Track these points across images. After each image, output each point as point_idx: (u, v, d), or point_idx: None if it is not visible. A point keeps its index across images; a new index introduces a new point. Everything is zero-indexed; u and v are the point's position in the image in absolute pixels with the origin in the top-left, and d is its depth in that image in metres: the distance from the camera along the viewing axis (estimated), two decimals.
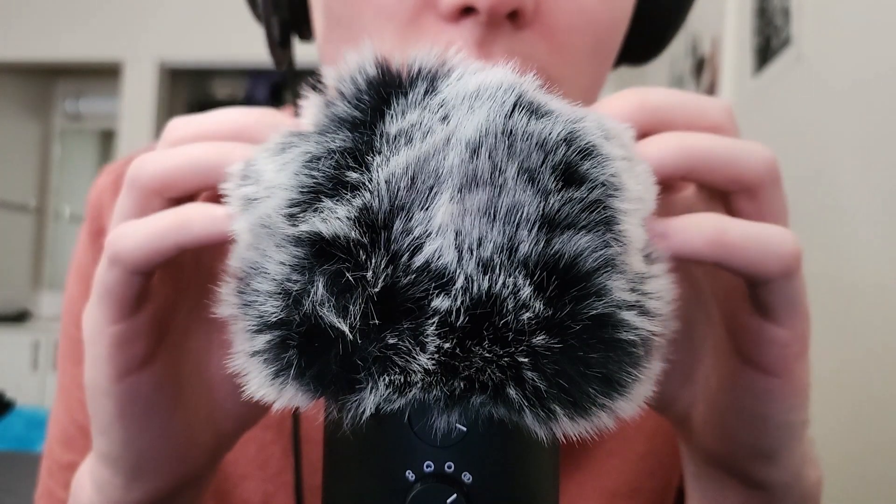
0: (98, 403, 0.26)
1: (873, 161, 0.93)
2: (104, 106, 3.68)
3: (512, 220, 0.18)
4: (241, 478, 0.41)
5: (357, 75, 0.22)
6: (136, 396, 0.25)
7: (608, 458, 0.43)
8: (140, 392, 0.25)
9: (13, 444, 2.71)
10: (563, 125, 0.20)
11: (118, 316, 0.24)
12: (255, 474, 0.41)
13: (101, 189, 0.47)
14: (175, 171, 0.24)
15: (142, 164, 0.24)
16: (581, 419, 0.19)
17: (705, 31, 1.80)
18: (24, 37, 3.25)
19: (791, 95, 1.23)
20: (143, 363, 0.25)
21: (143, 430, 0.26)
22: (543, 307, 0.18)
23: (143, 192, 0.24)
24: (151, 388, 0.26)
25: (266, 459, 0.41)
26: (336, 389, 0.19)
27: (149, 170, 0.24)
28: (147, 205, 0.24)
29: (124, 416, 0.26)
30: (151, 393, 0.26)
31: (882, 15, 0.93)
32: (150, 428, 0.26)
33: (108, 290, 0.24)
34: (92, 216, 0.46)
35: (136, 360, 0.25)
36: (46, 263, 3.76)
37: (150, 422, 0.26)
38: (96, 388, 0.26)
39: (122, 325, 0.24)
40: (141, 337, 0.25)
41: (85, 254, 0.46)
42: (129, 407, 0.25)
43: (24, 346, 3.14)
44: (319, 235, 0.19)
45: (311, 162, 0.20)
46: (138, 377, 0.25)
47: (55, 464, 0.43)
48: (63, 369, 0.45)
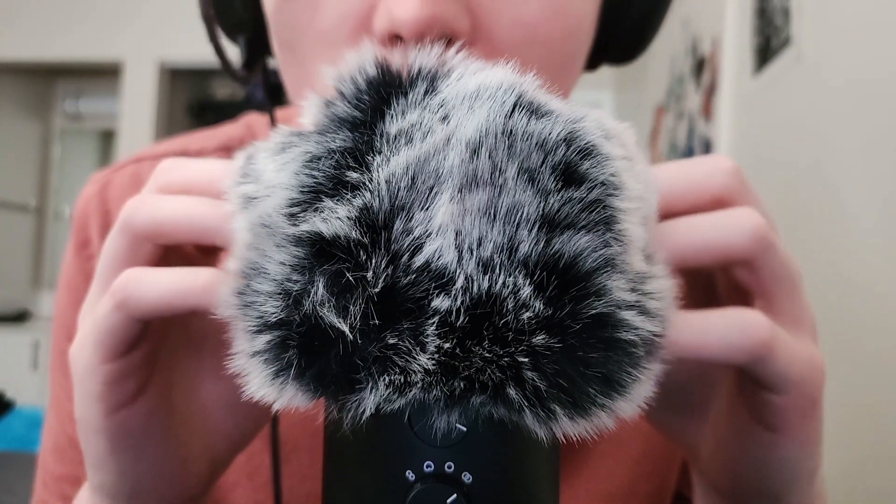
0: (89, 439, 0.26)
1: (873, 161, 0.93)
2: (104, 106, 3.68)
3: (512, 220, 0.18)
4: (232, 486, 0.41)
5: (357, 75, 0.22)
6: (127, 431, 0.25)
7: (603, 460, 0.43)
8: (131, 426, 0.25)
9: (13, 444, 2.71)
10: (563, 125, 0.20)
11: (114, 356, 0.24)
12: (245, 483, 0.41)
13: (86, 200, 0.46)
14: (168, 224, 0.24)
15: (136, 209, 0.25)
16: (581, 419, 0.19)
17: (705, 31, 1.80)
18: (24, 37, 3.26)
19: (791, 95, 1.23)
20: (134, 398, 0.25)
21: (137, 462, 0.26)
22: (543, 307, 0.18)
23: (136, 237, 0.25)
24: (143, 422, 0.25)
25: (255, 468, 0.41)
26: (336, 389, 0.19)
27: (143, 216, 0.24)
28: (138, 249, 0.25)
29: (117, 451, 0.25)
30: (143, 426, 0.25)
31: (882, 15, 0.93)
32: (143, 459, 0.26)
33: (107, 333, 0.24)
34: (77, 227, 0.46)
35: (128, 396, 0.25)
36: (46, 263, 3.76)
37: (144, 453, 0.26)
38: (87, 425, 0.25)
39: (116, 364, 0.24)
40: (134, 374, 0.25)
41: (72, 266, 0.45)
42: (121, 441, 0.25)
43: (24, 346, 3.14)
44: (320, 235, 0.19)
45: (311, 162, 0.20)
46: (129, 412, 0.25)
47: (49, 475, 0.43)
48: (54, 380, 0.45)
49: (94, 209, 0.46)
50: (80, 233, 0.46)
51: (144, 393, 0.25)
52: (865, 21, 0.98)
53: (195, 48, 3.17)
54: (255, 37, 0.39)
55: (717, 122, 1.63)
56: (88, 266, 0.44)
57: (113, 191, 0.46)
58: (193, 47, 3.16)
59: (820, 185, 1.09)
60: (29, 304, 3.61)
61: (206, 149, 0.47)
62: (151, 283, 0.23)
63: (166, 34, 3.19)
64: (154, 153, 0.48)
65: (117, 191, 0.46)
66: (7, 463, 2.31)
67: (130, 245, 0.25)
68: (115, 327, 0.23)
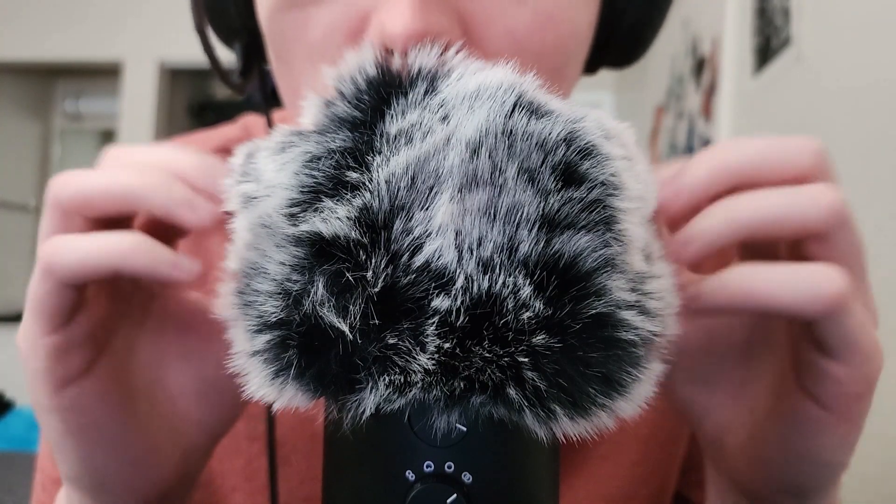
0: (45, 422, 0.26)
1: (873, 161, 0.93)
2: (104, 106, 3.68)
3: (512, 219, 0.18)
4: (230, 490, 0.41)
5: (357, 75, 0.22)
6: (78, 410, 0.25)
7: (602, 463, 0.43)
8: (82, 405, 0.25)
9: (13, 444, 2.71)
10: (563, 125, 0.20)
11: (51, 327, 0.24)
12: (243, 486, 0.41)
13: None
14: (93, 194, 0.24)
15: (63, 183, 0.25)
16: (581, 419, 0.19)
17: (705, 31, 1.80)
18: (24, 37, 3.25)
19: (791, 95, 1.23)
20: (80, 374, 0.25)
21: (96, 446, 0.26)
22: (543, 307, 0.18)
23: (62, 210, 0.25)
24: (94, 401, 0.25)
25: (254, 472, 0.41)
26: (336, 389, 0.19)
27: (68, 190, 0.24)
28: (67, 224, 0.25)
29: (71, 432, 0.25)
30: (95, 405, 0.25)
31: (882, 15, 0.93)
32: (102, 444, 0.26)
33: (40, 302, 0.24)
34: None
35: (73, 371, 0.25)
36: None
37: (102, 437, 0.26)
38: (39, 406, 0.25)
39: (56, 336, 0.24)
40: (76, 348, 0.25)
41: None
42: (74, 420, 0.25)
43: None
44: (320, 235, 0.19)
45: (311, 162, 0.20)
46: (78, 389, 0.25)
47: (48, 478, 0.42)
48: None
49: None
50: None
51: (93, 370, 0.25)
52: (865, 21, 0.98)
53: (195, 48, 3.12)
54: (250, 43, 0.39)
55: (717, 122, 1.63)
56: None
57: None
58: (193, 47, 3.13)
59: None
60: None
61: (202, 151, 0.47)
62: (72, 247, 0.23)
63: (166, 34, 3.19)
64: None
65: None
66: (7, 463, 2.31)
67: (59, 221, 0.25)
68: (45, 295, 0.24)
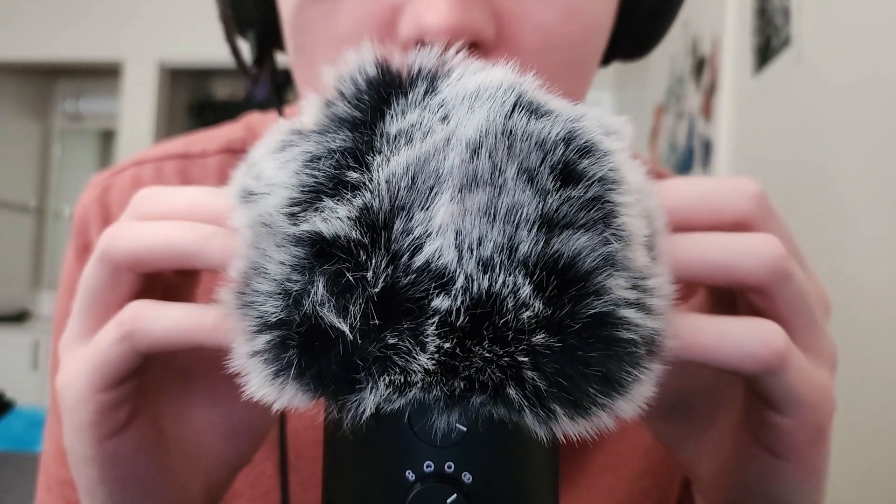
0: (80, 469, 0.25)
1: (873, 161, 0.93)
2: (104, 106, 3.68)
3: (511, 219, 0.18)
4: (234, 496, 0.41)
5: (357, 75, 0.22)
6: (118, 459, 0.25)
7: (603, 474, 0.43)
8: (122, 455, 0.25)
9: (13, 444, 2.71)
10: (563, 124, 0.20)
11: (110, 385, 0.24)
12: (246, 492, 0.41)
13: (86, 204, 0.46)
14: (150, 252, 0.24)
15: (115, 238, 0.24)
16: (581, 419, 0.19)
17: (705, 31, 1.80)
18: (24, 37, 3.26)
19: (791, 95, 1.23)
20: (124, 427, 0.25)
21: (130, 493, 0.26)
22: (543, 306, 0.18)
23: (115, 266, 0.24)
24: (133, 450, 0.25)
25: (256, 477, 0.41)
26: (336, 389, 0.19)
27: (122, 245, 0.24)
28: (118, 278, 0.24)
29: (107, 480, 0.25)
30: (133, 454, 0.25)
31: (882, 15, 0.93)
32: (135, 490, 0.26)
33: (109, 363, 0.23)
34: (78, 232, 0.45)
35: (119, 424, 0.25)
36: (46, 263, 3.76)
37: (136, 481, 0.26)
38: (78, 454, 0.25)
39: (111, 393, 0.24)
40: (126, 403, 0.24)
41: (71, 269, 0.45)
42: (112, 470, 0.25)
43: (24, 346, 3.14)
44: (320, 235, 0.19)
45: (311, 161, 0.20)
46: (119, 440, 0.25)
47: (53, 479, 0.42)
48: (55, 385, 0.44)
49: (95, 213, 0.45)
50: (81, 237, 0.45)
51: (134, 421, 0.25)
52: (865, 21, 0.98)
53: (195, 48, 3.17)
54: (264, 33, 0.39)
55: (717, 122, 1.63)
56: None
57: (113, 194, 0.46)
58: (193, 47, 3.17)
59: (820, 185, 1.08)
60: (29, 304, 3.61)
61: (207, 151, 0.47)
62: (161, 319, 0.23)
63: (166, 34, 3.19)
64: (155, 155, 0.47)
65: (118, 194, 0.45)
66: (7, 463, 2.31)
67: (111, 276, 0.24)
68: (117, 358, 0.23)
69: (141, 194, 0.26)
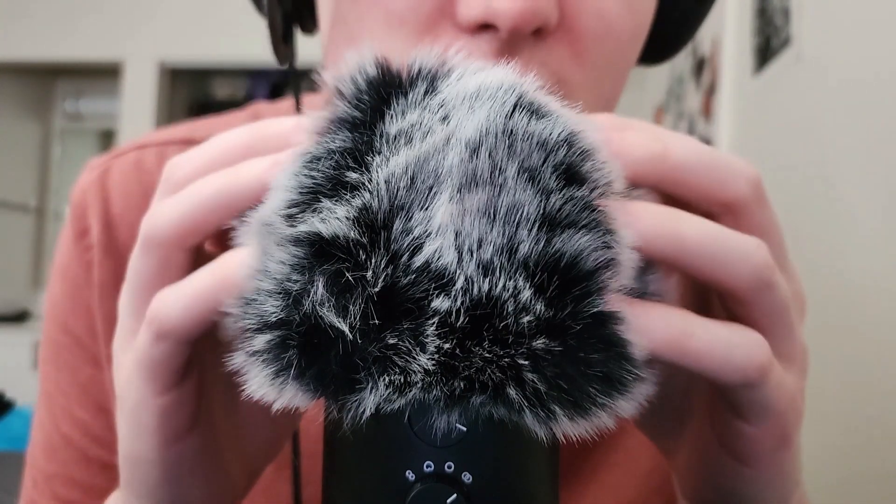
0: (142, 471, 0.25)
1: (873, 160, 0.93)
2: (104, 106, 3.68)
3: (512, 219, 0.18)
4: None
5: (357, 75, 0.22)
6: (182, 461, 0.25)
7: (614, 471, 0.43)
8: (187, 456, 0.25)
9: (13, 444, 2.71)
10: (564, 126, 0.20)
11: (166, 387, 0.23)
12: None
13: (84, 187, 0.44)
14: (193, 216, 0.22)
15: (154, 219, 0.23)
16: (581, 419, 0.19)
17: (705, 31, 1.79)
18: (24, 37, 3.25)
19: (791, 95, 1.23)
20: (189, 429, 0.24)
21: (188, 489, 0.25)
22: (544, 308, 0.18)
23: (164, 248, 0.23)
24: (198, 451, 0.25)
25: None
26: (336, 389, 0.19)
27: (164, 222, 0.22)
28: (170, 262, 0.23)
29: (170, 480, 0.25)
30: (198, 455, 0.25)
31: (882, 15, 0.93)
32: (193, 487, 0.26)
33: (156, 364, 0.22)
34: (75, 215, 0.44)
35: (183, 427, 0.24)
36: (46, 263, 3.76)
37: (194, 482, 0.25)
38: (140, 458, 0.24)
39: (170, 395, 0.23)
40: (188, 403, 0.24)
41: (68, 255, 0.44)
42: (176, 471, 0.25)
43: (24, 346, 3.14)
44: (319, 235, 0.19)
45: (310, 162, 0.20)
46: (185, 443, 0.24)
47: (39, 473, 0.42)
48: (46, 374, 0.43)
49: (94, 197, 0.44)
50: (79, 221, 0.44)
51: (198, 423, 0.25)
52: (865, 21, 0.98)
53: (195, 48, 3.17)
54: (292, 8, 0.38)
55: (717, 122, 1.63)
56: (87, 256, 0.43)
57: (113, 178, 0.44)
58: (193, 47, 3.17)
59: (820, 185, 1.08)
60: (29, 304, 3.61)
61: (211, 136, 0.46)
62: (176, 299, 0.21)
63: (166, 34, 3.19)
64: (159, 140, 0.46)
65: (118, 178, 0.44)
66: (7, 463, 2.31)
67: (161, 261, 0.23)
68: (162, 357, 0.22)
69: (170, 164, 0.24)
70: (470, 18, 0.28)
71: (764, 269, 0.21)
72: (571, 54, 0.30)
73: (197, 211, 0.22)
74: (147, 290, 0.23)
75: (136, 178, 0.44)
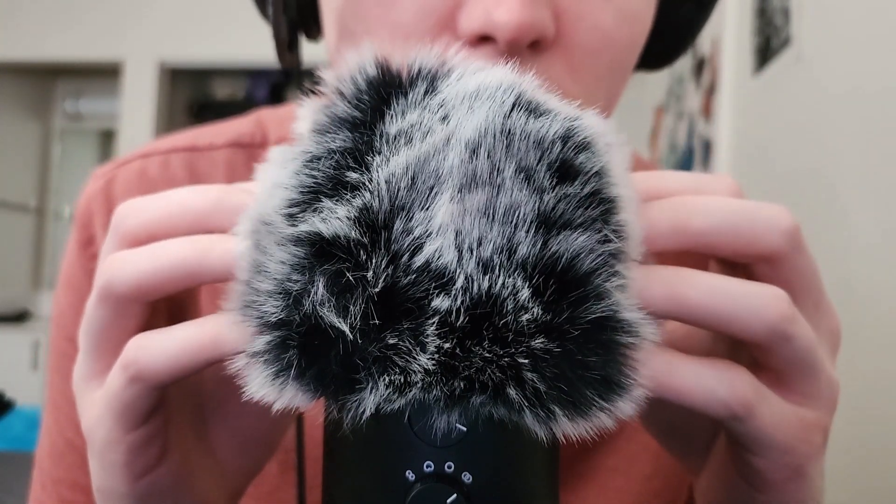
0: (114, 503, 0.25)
1: (873, 161, 0.93)
2: (104, 106, 3.68)
3: (510, 220, 0.18)
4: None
5: (357, 75, 0.22)
6: (154, 491, 0.25)
7: (614, 475, 0.43)
8: (158, 488, 0.25)
9: (13, 444, 2.71)
10: (561, 123, 0.20)
11: (136, 425, 0.23)
12: (249, 492, 0.41)
13: (89, 196, 0.45)
14: (154, 278, 0.22)
15: (112, 272, 0.23)
16: (580, 420, 0.19)
17: (705, 31, 1.79)
18: (24, 37, 3.25)
19: (791, 95, 1.23)
20: (158, 462, 0.25)
21: None
22: (542, 311, 0.18)
23: (122, 302, 0.23)
24: (169, 482, 0.25)
25: (260, 478, 0.41)
26: (336, 389, 0.19)
27: (124, 277, 0.22)
28: (127, 313, 0.23)
29: None
30: (169, 486, 0.25)
31: (882, 16, 0.93)
32: None
33: (127, 407, 0.23)
34: (81, 224, 0.44)
35: (153, 460, 0.24)
36: (46, 263, 3.76)
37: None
38: (112, 492, 0.25)
39: (139, 431, 0.23)
40: (157, 437, 0.24)
41: (74, 264, 0.44)
42: (148, 501, 0.25)
43: (24, 346, 3.14)
44: (319, 235, 0.19)
45: (311, 162, 0.20)
46: (155, 476, 0.25)
47: (48, 478, 0.42)
48: (52, 383, 0.44)
49: (99, 206, 0.44)
50: (84, 230, 0.44)
51: (167, 454, 0.25)
52: (865, 21, 0.98)
53: (195, 48, 3.17)
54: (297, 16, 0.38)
55: (717, 122, 1.63)
56: (92, 265, 0.43)
57: (118, 187, 0.44)
58: (193, 47, 3.17)
59: (819, 185, 1.09)
60: (29, 304, 3.61)
61: (215, 144, 0.46)
62: (164, 350, 0.22)
63: (166, 34, 3.19)
64: (162, 148, 0.46)
65: (122, 187, 0.44)
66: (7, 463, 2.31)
67: (116, 311, 0.23)
68: (134, 399, 0.22)
69: (120, 212, 0.24)
70: (470, 30, 0.28)
71: (779, 322, 0.21)
72: (568, 68, 0.31)
73: (160, 274, 0.22)
74: (104, 336, 0.24)
75: (141, 187, 0.44)
